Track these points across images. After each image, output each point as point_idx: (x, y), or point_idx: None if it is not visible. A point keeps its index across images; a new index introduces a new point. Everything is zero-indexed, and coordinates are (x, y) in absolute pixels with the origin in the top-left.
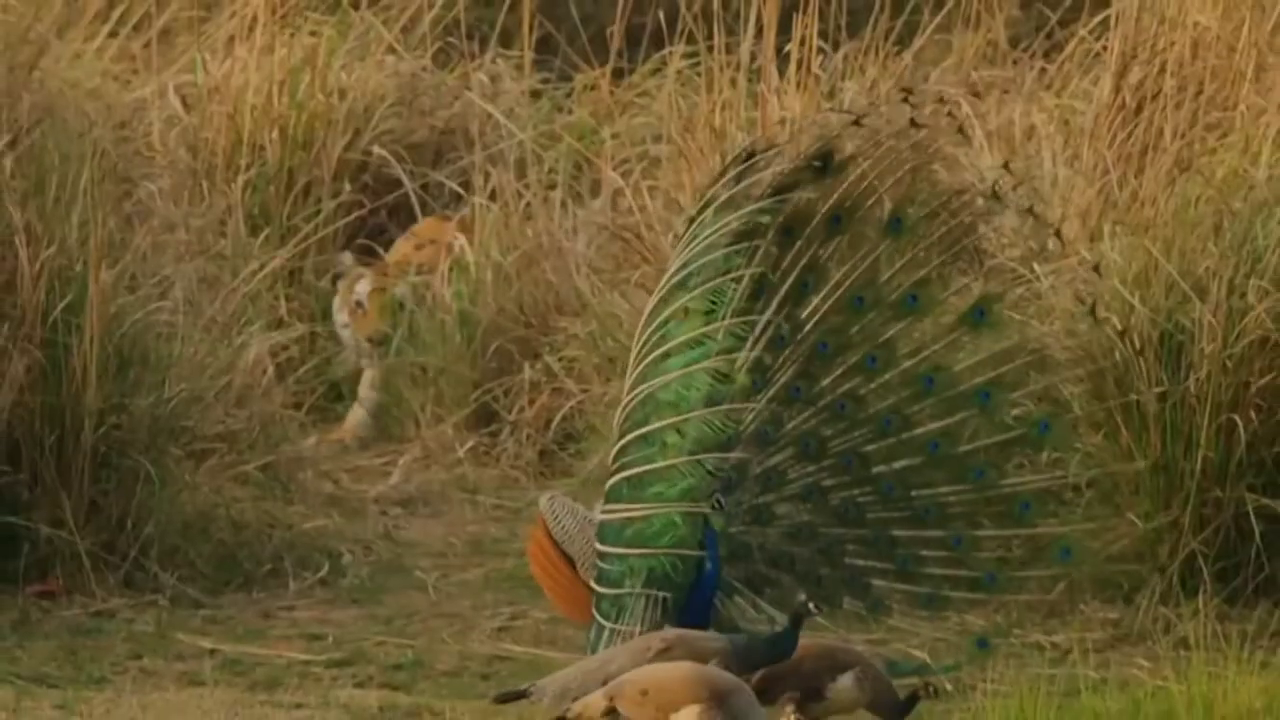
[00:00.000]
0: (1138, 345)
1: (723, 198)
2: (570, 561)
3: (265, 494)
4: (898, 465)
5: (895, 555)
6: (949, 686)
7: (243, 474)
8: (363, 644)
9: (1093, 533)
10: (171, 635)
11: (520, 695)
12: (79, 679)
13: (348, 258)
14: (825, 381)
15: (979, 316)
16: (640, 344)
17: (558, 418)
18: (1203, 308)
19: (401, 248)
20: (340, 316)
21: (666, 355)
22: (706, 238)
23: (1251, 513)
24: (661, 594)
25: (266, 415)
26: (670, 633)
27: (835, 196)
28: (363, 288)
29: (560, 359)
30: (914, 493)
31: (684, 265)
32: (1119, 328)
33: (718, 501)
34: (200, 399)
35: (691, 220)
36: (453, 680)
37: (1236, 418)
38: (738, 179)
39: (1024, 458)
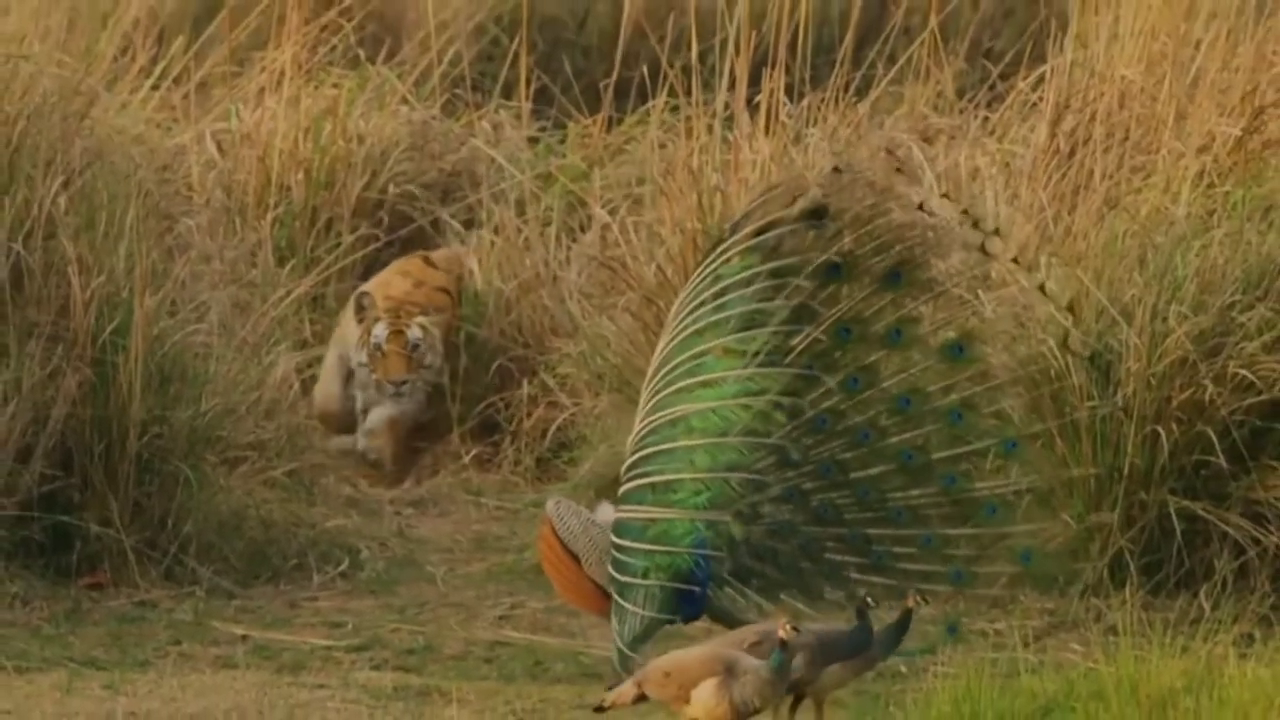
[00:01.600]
0: (1071, 365)
1: (750, 244)
2: (575, 558)
3: (291, 496)
4: (873, 472)
5: (871, 552)
6: (926, 601)
7: (271, 478)
8: (379, 631)
9: (1031, 532)
10: (207, 623)
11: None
12: (125, 662)
13: (369, 299)
14: (809, 397)
15: (958, 352)
16: (667, 369)
17: (553, 428)
18: (1129, 331)
19: (394, 282)
20: (358, 356)
21: (704, 385)
22: (749, 281)
23: (1173, 514)
24: (688, 587)
25: (292, 426)
26: (761, 626)
27: (833, 248)
28: (380, 331)
29: (555, 376)
30: (888, 496)
31: (722, 305)
32: (1055, 349)
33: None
34: (233, 411)
35: (714, 251)
36: (459, 663)
37: (1160, 429)
38: (761, 222)
39: (984, 464)
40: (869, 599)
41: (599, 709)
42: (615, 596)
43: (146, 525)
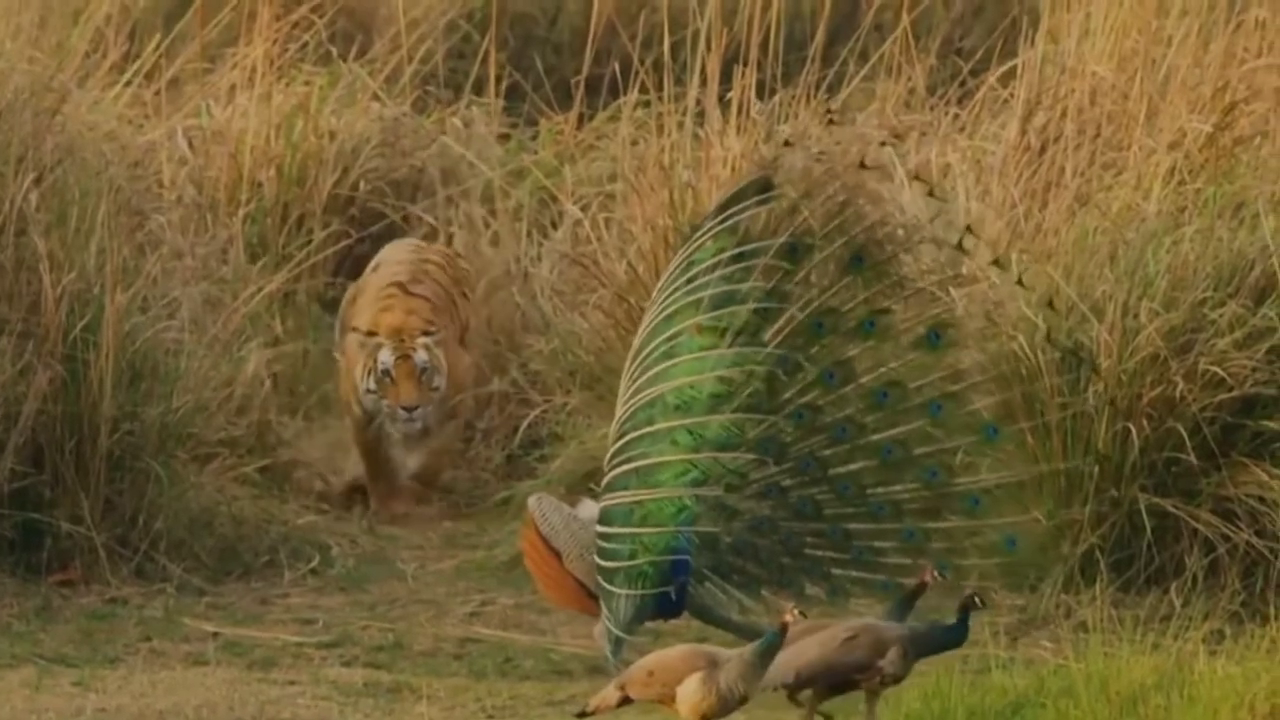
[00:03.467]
0: (1043, 361)
1: (719, 228)
2: (556, 554)
3: (263, 493)
4: (854, 467)
5: (852, 547)
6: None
7: (242, 475)
8: (349, 627)
9: (1014, 522)
10: (178, 620)
11: None
12: (95, 659)
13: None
14: (787, 394)
15: (934, 339)
16: (644, 355)
17: (523, 425)
18: (1100, 327)
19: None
20: (365, 384)
21: (679, 365)
22: (718, 264)
23: (1144, 510)
24: (680, 558)
25: (264, 423)
26: (856, 622)
27: (793, 231)
28: (386, 357)
29: (526, 373)
30: (869, 491)
31: (694, 288)
32: (1026, 346)
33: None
34: (204, 408)
35: (687, 241)
36: (429, 660)
37: (1130, 426)
38: (736, 211)
39: (964, 457)
40: (977, 598)
41: (582, 715)
42: (602, 584)
43: (117, 522)
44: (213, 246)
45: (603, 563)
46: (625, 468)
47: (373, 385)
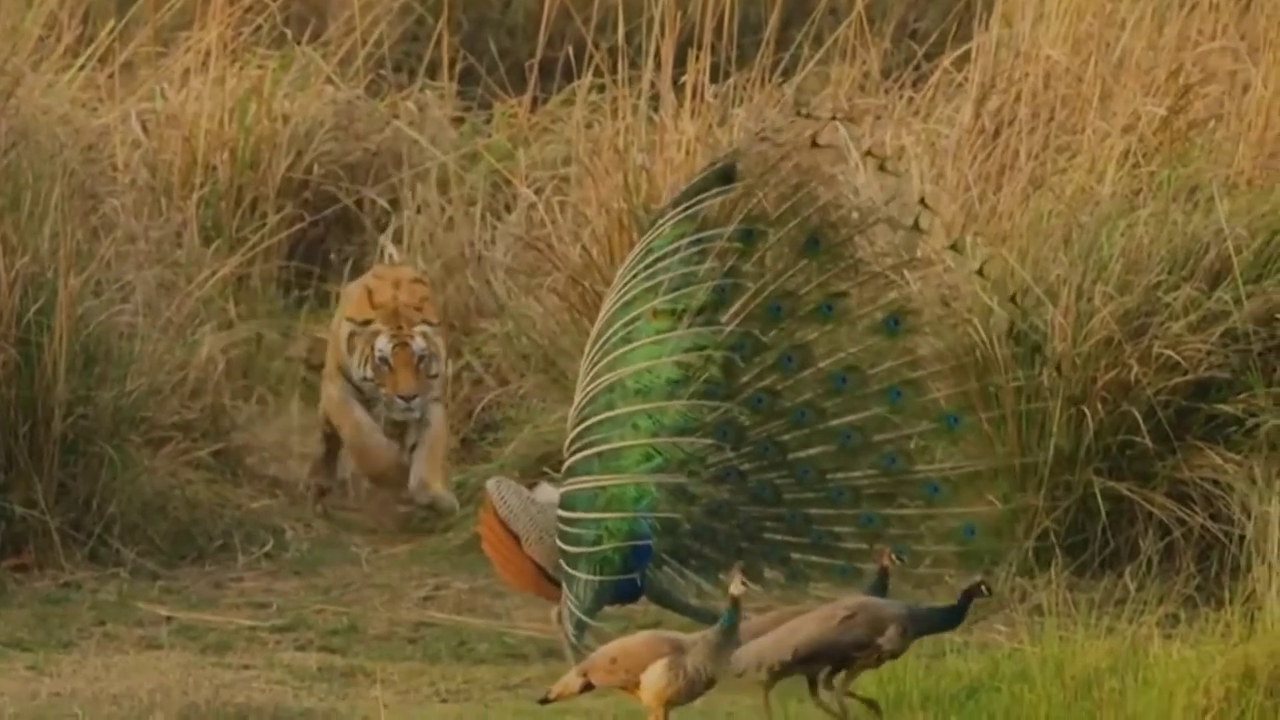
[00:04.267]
0: (998, 343)
1: (679, 216)
2: (515, 537)
3: (216, 477)
4: (813, 452)
5: (811, 531)
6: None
7: (196, 459)
8: (303, 611)
9: (957, 512)
10: (132, 604)
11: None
12: (49, 643)
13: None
14: (745, 378)
15: (893, 325)
16: (602, 340)
17: (478, 409)
18: (1054, 311)
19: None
20: (361, 372)
21: (634, 350)
22: (675, 250)
23: (1098, 494)
24: (643, 543)
25: (218, 407)
26: (853, 600)
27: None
28: (384, 344)
29: (480, 356)
30: (829, 476)
31: (653, 274)
32: (981, 329)
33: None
34: (158, 392)
35: (648, 230)
36: (384, 644)
37: (1085, 409)
38: (696, 201)
39: (922, 444)
40: (984, 585)
41: (544, 701)
42: (565, 568)
43: (71, 506)
44: (166, 230)
45: (566, 547)
46: (587, 452)
47: (370, 373)
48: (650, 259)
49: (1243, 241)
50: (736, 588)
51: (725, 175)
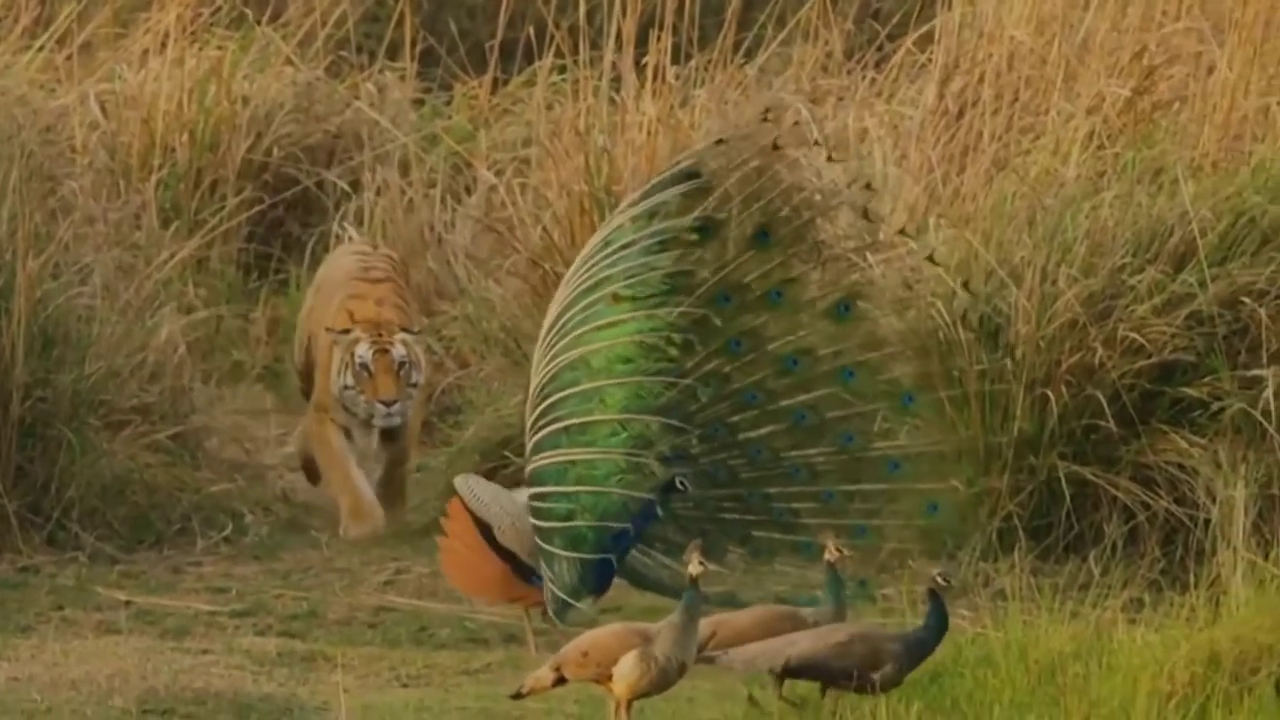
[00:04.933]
0: (959, 327)
1: (639, 211)
2: (487, 528)
3: (175, 460)
4: (764, 432)
5: (771, 509)
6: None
7: (155, 442)
8: (263, 596)
9: (936, 487)
10: (90, 588)
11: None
12: (6, 627)
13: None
14: (690, 364)
15: (843, 311)
16: (562, 323)
17: (437, 392)
18: (1018, 293)
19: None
20: (341, 380)
21: (598, 330)
22: (635, 242)
23: (1062, 478)
24: (617, 525)
25: (177, 390)
26: (856, 628)
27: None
28: (364, 351)
29: (440, 339)
30: (783, 455)
31: (614, 262)
32: (944, 312)
33: (682, 483)
34: (117, 375)
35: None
36: (344, 629)
37: (1049, 393)
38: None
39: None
40: (940, 577)
41: (516, 695)
42: (541, 546)
43: (29, 490)
44: (125, 212)
45: (539, 523)
46: (554, 427)
47: (350, 381)
48: (609, 249)
49: (1208, 224)
50: (695, 568)
51: (686, 177)
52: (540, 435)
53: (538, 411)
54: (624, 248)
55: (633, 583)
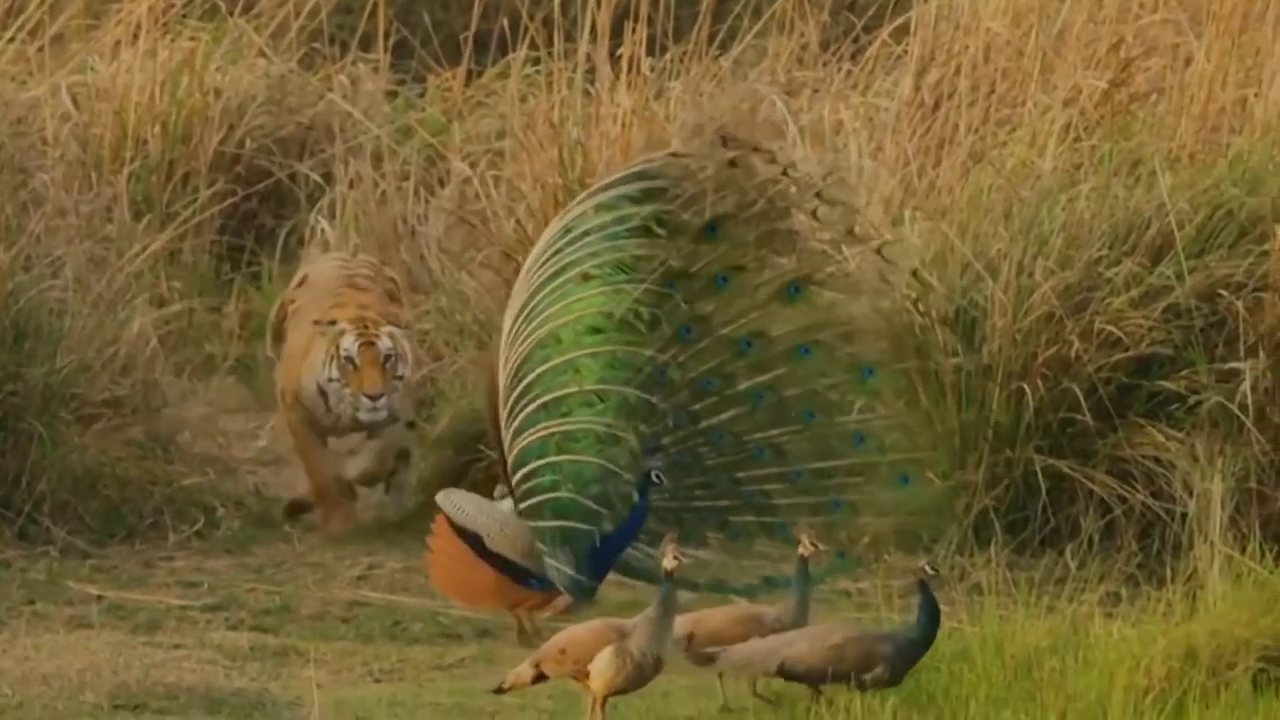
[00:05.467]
0: (935, 320)
1: (600, 201)
2: (476, 538)
3: (147, 454)
4: (726, 417)
5: (742, 493)
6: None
7: (127, 436)
8: (235, 590)
9: (895, 489)
10: (62, 583)
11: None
12: None
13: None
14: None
15: (793, 293)
16: (529, 308)
17: (412, 385)
18: (994, 286)
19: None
20: (326, 372)
21: (567, 305)
22: (600, 227)
23: (1039, 471)
24: (596, 490)
25: (149, 383)
26: (851, 630)
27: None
28: (350, 343)
29: (413, 332)
30: (746, 438)
31: (578, 247)
32: (919, 304)
33: (658, 476)
34: (89, 368)
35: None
36: (316, 623)
37: (1025, 386)
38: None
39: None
40: (928, 567)
41: (498, 691)
42: (535, 525)
43: (0, 484)
44: (97, 204)
45: (528, 502)
46: (531, 407)
47: (335, 373)
48: (571, 235)
49: (1185, 216)
50: (669, 562)
51: (641, 178)
52: (519, 419)
53: (514, 395)
54: (587, 233)
55: (623, 573)
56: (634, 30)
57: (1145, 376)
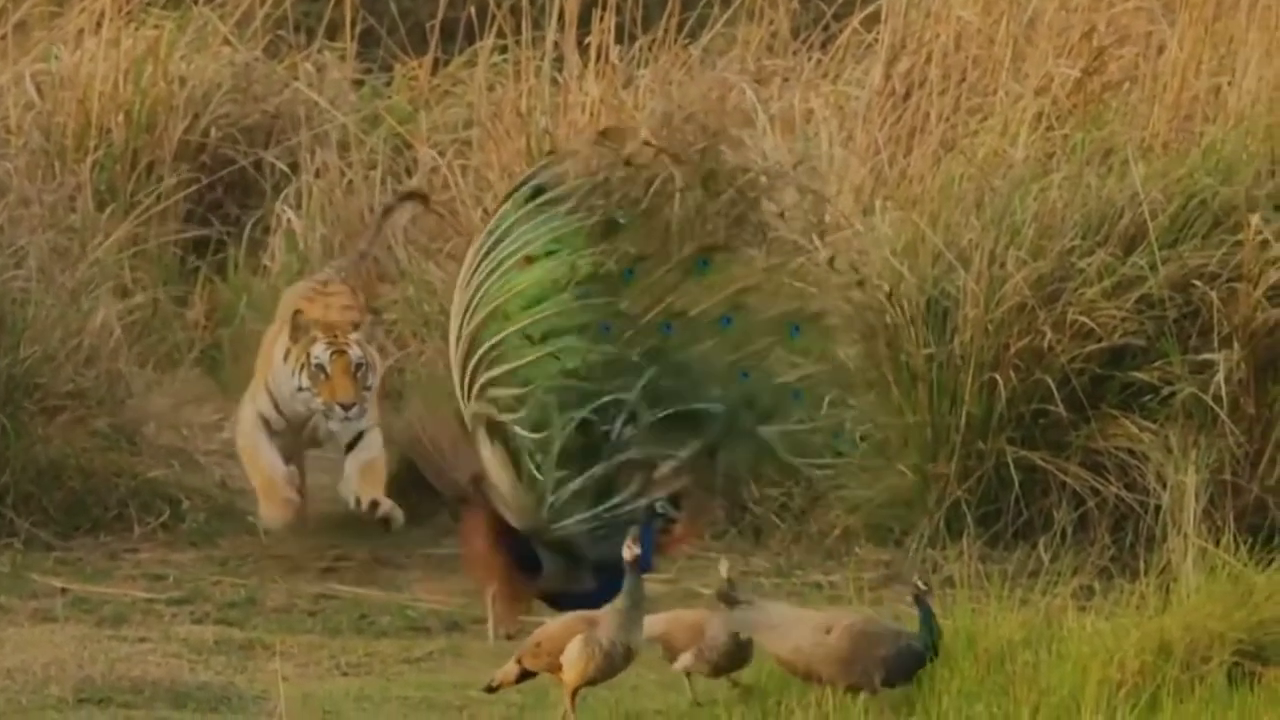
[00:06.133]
0: (906, 310)
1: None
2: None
3: (112, 446)
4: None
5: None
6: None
7: (91, 428)
8: (200, 583)
9: (866, 482)
10: (26, 575)
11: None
12: None
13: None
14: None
15: (702, 265)
16: (477, 296)
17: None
18: (966, 276)
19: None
20: (295, 381)
21: (512, 283)
22: (525, 216)
23: (1011, 463)
24: (569, 383)
25: (113, 374)
26: (852, 626)
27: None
28: (321, 351)
29: (380, 322)
30: (694, 406)
31: (511, 240)
32: (888, 294)
33: (662, 509)
34: (52, 359)
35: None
36: (283, 617)
37: (997, 377)
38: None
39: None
40: (921, 583)
41: (489, 689)
42: (528, 452)
43: None
44: (60, 194)
45: (520, 432)
46: (493, 372)
47: (305, 382)
48: (496, 234)
49: (1158, 206)
50: (629, 551)
51: (524, 181)
52: (479, 400)
53: (470, 377)
54: (513, 225)
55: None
56: (602, 18)
57: (1118, 367)
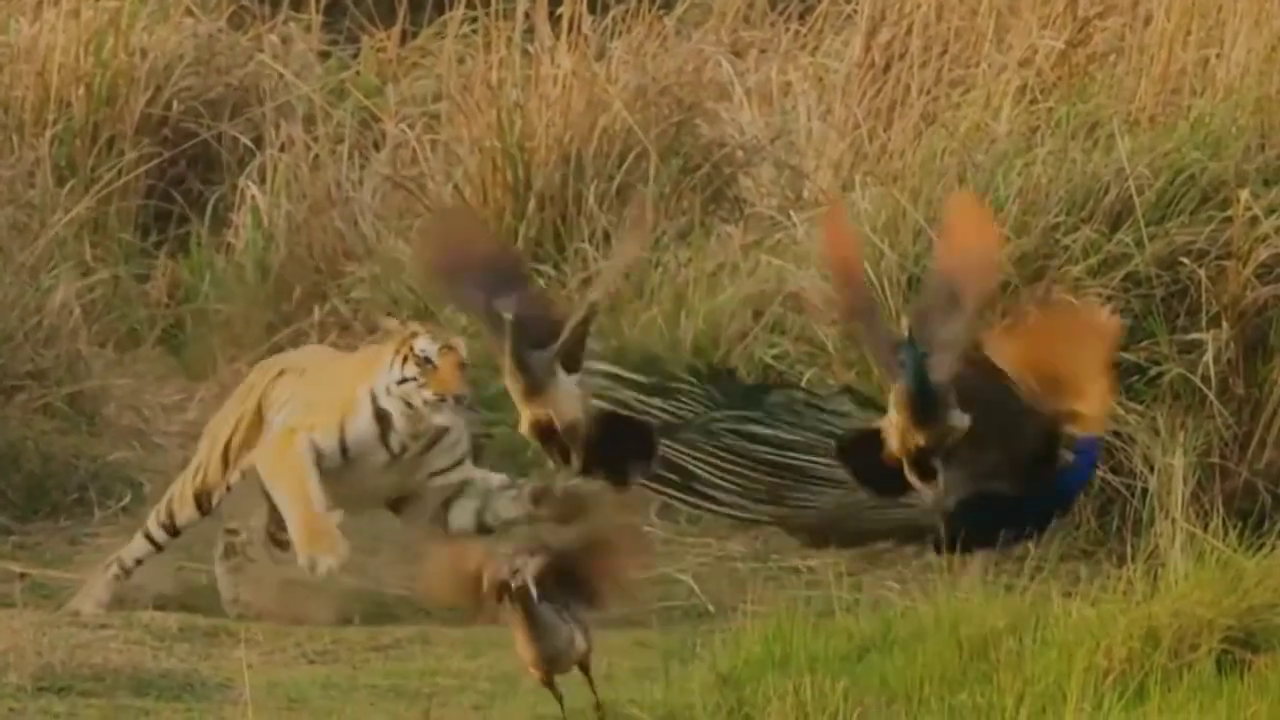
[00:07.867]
0: (887, 288)
1: None
2: None
3: (72, 427)
4: None
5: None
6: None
7: (50, 408)
8: (163, 569)
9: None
10: None
11: None
12: None
13: (392, 323)
14: None
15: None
16: None
17: None
18: None
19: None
20: (398, 372)
21: None
22: None
23: None
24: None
25: (73, 353)
26: None
27: None
28: (426, 345)
29: (348, 301)
30: None
31: None
32: (871, 271)
33: None
34: (10, 338)
35: None
36: None
37: None
38: None
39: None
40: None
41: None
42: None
43: None
44: (19, 169)
45: None
46: None
47: (412, 372)
48: None
49: (1145, 181)
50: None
51: None
52: None
53: None
54: None
55: None
56: None
57: None
